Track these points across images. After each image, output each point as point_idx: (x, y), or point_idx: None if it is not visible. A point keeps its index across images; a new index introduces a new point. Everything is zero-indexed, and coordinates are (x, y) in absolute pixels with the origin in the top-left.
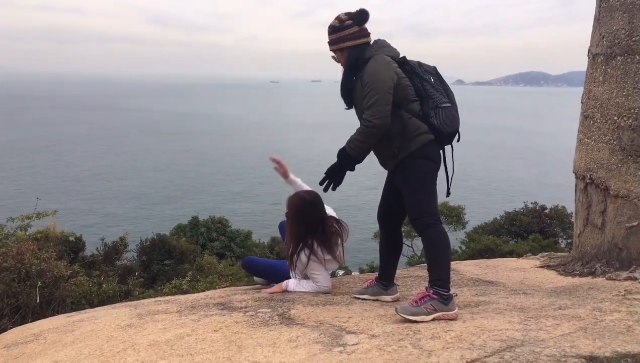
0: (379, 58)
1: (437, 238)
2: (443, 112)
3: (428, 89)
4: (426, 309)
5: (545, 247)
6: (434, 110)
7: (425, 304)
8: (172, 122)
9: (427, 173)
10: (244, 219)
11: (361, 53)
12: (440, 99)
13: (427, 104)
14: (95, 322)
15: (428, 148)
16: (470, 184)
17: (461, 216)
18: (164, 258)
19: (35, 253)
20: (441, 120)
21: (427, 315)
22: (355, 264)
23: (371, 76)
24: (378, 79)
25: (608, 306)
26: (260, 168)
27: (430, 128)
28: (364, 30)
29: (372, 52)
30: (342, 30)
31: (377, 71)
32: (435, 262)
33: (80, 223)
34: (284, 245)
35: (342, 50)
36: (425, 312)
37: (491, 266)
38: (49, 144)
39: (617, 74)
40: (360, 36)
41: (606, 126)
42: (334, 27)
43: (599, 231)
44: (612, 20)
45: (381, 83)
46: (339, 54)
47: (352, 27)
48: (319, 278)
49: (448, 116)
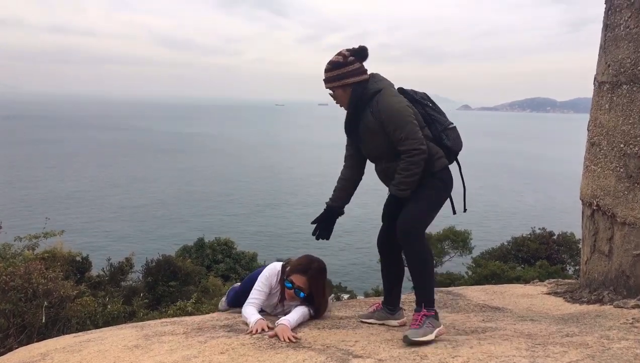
0: (390, 90)
1: (425, 255)
2: (452, 134)
3: (432, 113)
4: (428, 328)
5: (552, 274)
6: (444, 132)
7: (426, 323)
8: (179, 143)
9: (438, 193)
10: (250, 241)
11: (365, 89)
12: (446, 121)
13: (435, 128)
14: (102, 342)
15: (445, 171)
16: (476, 209)
17: (467, 241)
18: (169, 279)
19: (42, 272)
20: (452, 141)
21: (431, 334)
22: (360, 288)
23: (391, 107)
24: (400, 109)
25: (616, 334)
26: (266, 190)
27: (443, 150)
28: (364, 67)
29: (377, 86)
30: (346, 66)
31: (396, 102)
32: (425, 282)
33: (87, 243)
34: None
35: (345, 87)
36: (430, 331)
37: (498, 292)
38: (58, 163)
39: (623, 102)
40: (362, 72)
41: (612, 153)
42: (337, 63)
43: (606, 259)
44: (618, 49)
45: (405, 111)
46: (339, 91)
47: (354, 63)
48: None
49: (457, 137)
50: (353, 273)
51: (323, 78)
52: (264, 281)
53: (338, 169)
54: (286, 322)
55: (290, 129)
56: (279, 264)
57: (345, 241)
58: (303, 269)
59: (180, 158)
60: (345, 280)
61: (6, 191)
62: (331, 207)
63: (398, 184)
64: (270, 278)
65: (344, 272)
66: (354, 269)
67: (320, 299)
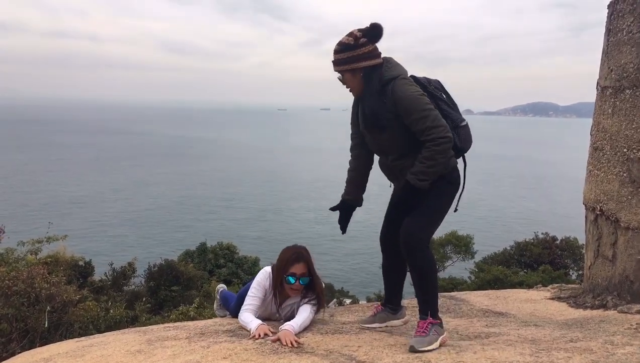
0: (406, 78)
1: (429, 265)
2: (463, 132)
3: (445, 108)
4: (434, 336)
5: (555, 279)
6: (455, 130)
7: (432, 331)
8: (182, 147)
9: (446, 198)
10: (252, 245)
11: (379, 74)
12: (458, 118)
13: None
14: (105, 347)
15: (455, 172)
16: (479, 214)
17: (470, 245)
18: (171, 284)
19: (45, 277)
20: (462, 141)
21: (436, 342)
22: (362, 293)
23: (409, 96)
24: (418, 97)
25: (620, 339)
26: (268, 195)
27: (453, 148)
28: (377, 49)
29: (391, 72)
30: (357, 49)
31: (413, 90)
32: (428, 291)
33: (90, 247)
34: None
35: (355, 71)
36: (435, 339)
37: (501, 297)
38: (61, 167)
39: (626, 107)
40: (375, 56)
41: (616, 158)
42: (346, 44)
43: (609, 263)
44: (621, 54)
45: (424, 98)
46: (348, 75)
47: (366, 45)
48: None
49: (467, 135)
50: (355, 278)
51: (332, 60)
52: (256, 286)
53: (340, 174)
54: (289, 327)
55: (293, 133)
56: (269, 267)
57: (348, 247)
58: (296, 257)
59: (182, 163)
60: (347, 284)
61: (9, 195)
62: (344, 200)
63: (418, 173)
64: (264, 281)
65: (347, 277)
66: (356, 274)
67: (318, 280)
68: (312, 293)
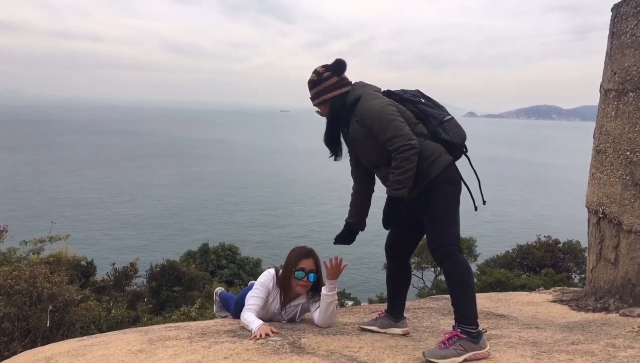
0: (369, 94)
1: (458, 269)
2: (449, 125)
3: (424, 109)
4: (456, 350)
5: (557, 282)
6: (440, 126)
7: (455, 345)
8: (184, 148)
9: (450, 199)
10: (254, 247)
11: (343, 101)
12: (441, 114)
13: (430, 123)
14: (107, 346)
15: (449, 170)
16: (481, 216)
17: (472, 248)
18: (173, 284)
19: (47, 276)
20: (450, 133)
21: (457, 357)
22: (364, 295)
23: (370, 110)
24: (379, 109)
25: (622, 342)
26: (271, 196)
27: (444, 145)
28: (344, 79)
29: (356, 93)
30: (321, 83)
31: (374, 104)
32: (459, 297)
33: (92, 247)
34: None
35: (325, 102)
36: (456, 354)
37: (503, 300)
38: (64, 167)
39: (629, 110)
40: (340, 86)
41: (618, 161)
42: (312, 81)
43: (612, 266)
44: (624, 57)
45: (385, 110)
46: (323, 108)
47: (330, 78)
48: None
49: (455, 127)
50: (357, 280)
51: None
52: (260, 286)
53: (342, 176)
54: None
55: (295, 135)
56: (273, 269)
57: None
58: (305, 253)
59: (184, 164)
60: (349, 287)
61: (12, 194)
62: (348, 224)
63: (392, 183)
64: (267, 282)
65: (348, 279)
66: (357, 276)
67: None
68: (318, 296)
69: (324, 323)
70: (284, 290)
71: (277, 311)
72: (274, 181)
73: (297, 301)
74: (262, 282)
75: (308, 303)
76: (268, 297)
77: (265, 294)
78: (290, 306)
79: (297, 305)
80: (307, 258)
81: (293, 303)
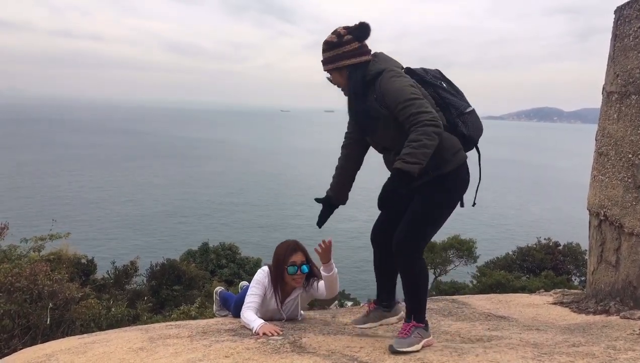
0: (393, 70)
1: (417, 275)
2: (470, 118)
3: (445, 96)
4: (416, 338)
5: (557, 284)
6: (460, 118)
7: (414, 333)
8: (185, 148)
9: (449, 207)
10: (254, 246)
11: (364, 72)
12: (462, 105)
13: (450, 113)
14: (107, 344)
15: (464, 169)
16: (482, 218)
17: (472, 250)
18: (173, 283)
19: (47, 274)
20: (470, 128)
21: (418, 344)
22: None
23: (394, 88)
24: (404, 87)
25: (622, 344)
26: (271, 196)
27: (461, 140)
28: (365, 46)
29: (378, 67)
30: (341, 47)
31: (399, 82)
32: (417, 297)
33: (92, 245)
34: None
35: (341, 69)
36: (417, 341)
37: (503, 301)
38: (65, 166)
39: (632, 113)
40: (361, 53)
41: (620, 163)
42: (331, 43)
43: (613, 269)
44: (627, 59)
45: (409, 89)
46: (336, 74)
47: (352, 43)
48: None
49: (475, 122)
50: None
51: (321, 60)
52: (256, 284)
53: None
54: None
55: (296, 135)
56: (266, 267)
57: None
58: (292, 248)
59: (185, 164)
60: (349, 287)
61: (14, 192)
62: (328, 197)
63: (405, 156)
64: (263, 279)
65: (348, 279)
66: (358, 277)
67: (315, 267)
68: (313, 278)
69: (331, 295)
70: (279, 287)
71: (276, 309)
72: (275, 182)
73: (294, 294)
74: (258, 280)
75: (305, 289)
76: (266, 294)
77: (263, 291)
78: (289, 301)
79: (295, 298)
80: (295, 252)
81: (290, 298)
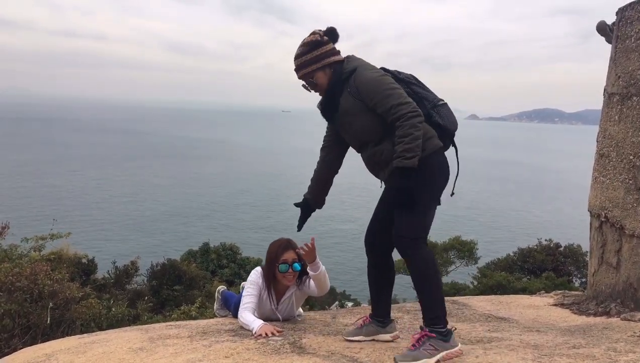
0: (365, 65)
1: (423, 264)
2: (443, 110)
3: (418, 91)
4: (427, 351)
5: (558, 286)
6: (434, 110)
7: (424, 345)
8: (186, 148)
9: (429, 185)
10: (255, 247)
11: (341, 70)
12: (435, 98)
13: (423, 105)
14: (107, 344)
15: (438, 155)
16: (483, 219)
17: (473, 251)
18: (173, 283)
19: (48, 274)
20: (445, 119)
21: (430, 358)
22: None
23: (369, 80)
24: (379, 78)
25: (623, 346)
26: (272, 197)
27: (437, 130)
28: (336, 48)
29: (352, 65)
30: (325, 45)
31: (373, 74)
32: (426, 295)
33: (93, 245)
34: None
35: (325, 68)
36: (427, 355)
37: (504, 303)
38: (65, 166)
39: (633, 114)
40: (338, 52)
41: (622, 165)
42: (315, 41)
43: (613, 271)
44: (629, 61)
45: (385, 79)
46: (320, 74)
47: (328, 44)
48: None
49: (449, 113)
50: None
51: (298, 63)
52: (250, 285)
53: (344, 178)
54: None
55: (297, 135)
56: (259, 268)
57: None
58: (284, 246)
59: (185, 164)
60: (349, 288)
61: (14, 192)
62: (306, 200)
63: (402, 153)
64: (257, 279)
65: (348, 279)
66: (358, 277)
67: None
68: (306, 277)
69: (322, 292)
70: (272, 286)
71: (272, 309)
72: (275, 182)
73: (288, 293)
74: (253, 280)
75: (299, 287)
76: (261, 295)
77: (258, 291)
78: (284, 300)
79: (289, 297)
80: (287, 250)
81: (285, 297)
